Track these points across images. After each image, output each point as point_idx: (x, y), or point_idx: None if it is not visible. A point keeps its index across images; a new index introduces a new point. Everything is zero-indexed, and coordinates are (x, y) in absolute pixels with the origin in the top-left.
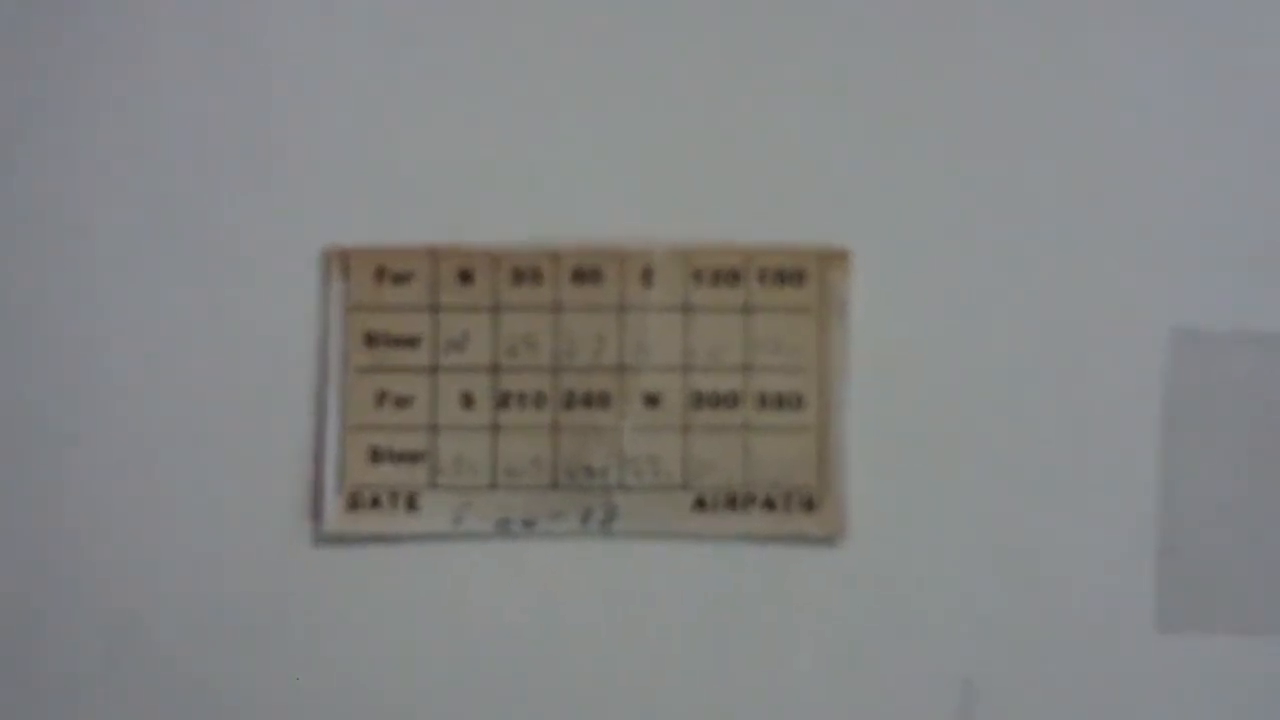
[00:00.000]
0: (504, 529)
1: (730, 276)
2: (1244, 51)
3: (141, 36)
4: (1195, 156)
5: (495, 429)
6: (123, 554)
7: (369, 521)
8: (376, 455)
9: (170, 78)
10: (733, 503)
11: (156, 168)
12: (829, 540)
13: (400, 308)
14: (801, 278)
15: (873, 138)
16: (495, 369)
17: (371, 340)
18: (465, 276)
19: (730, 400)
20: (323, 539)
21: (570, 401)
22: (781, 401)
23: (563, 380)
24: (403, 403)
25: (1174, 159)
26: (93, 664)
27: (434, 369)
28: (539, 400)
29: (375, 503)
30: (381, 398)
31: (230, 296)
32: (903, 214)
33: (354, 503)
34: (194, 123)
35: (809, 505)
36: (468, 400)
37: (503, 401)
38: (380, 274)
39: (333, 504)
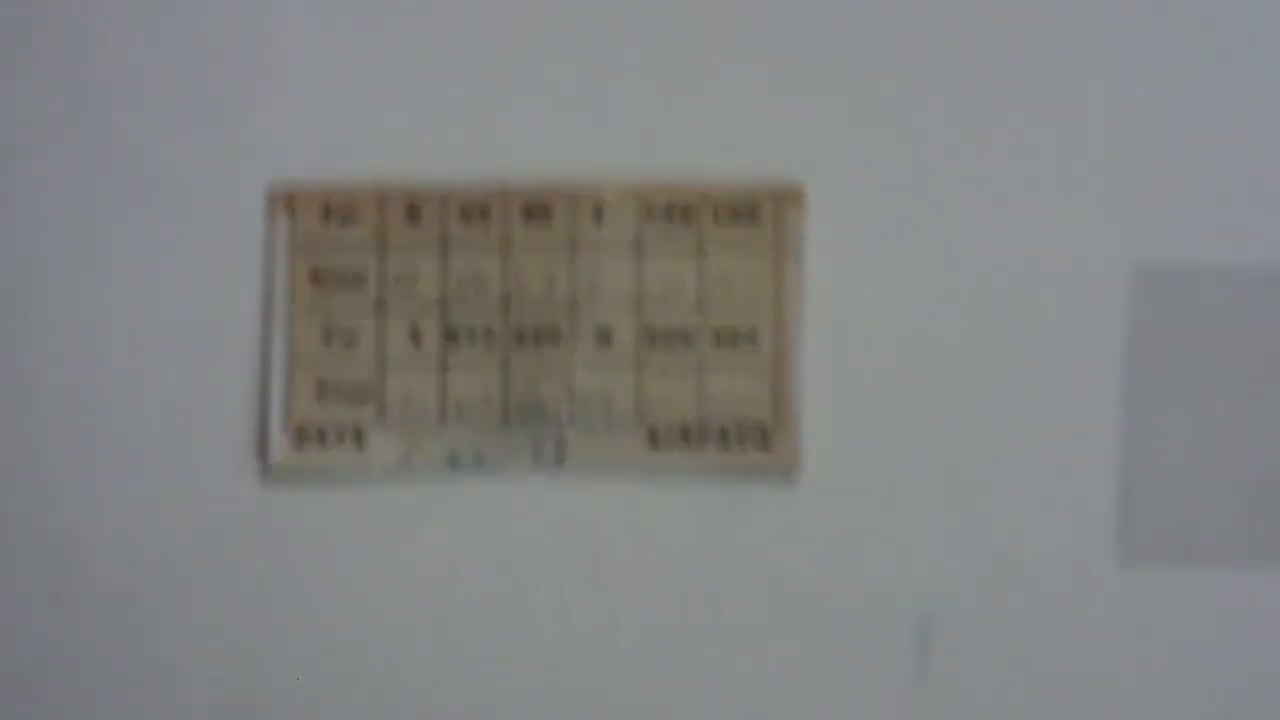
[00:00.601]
0: (454, 466)
1: (683, 214)
2: None
3: None
4: (1156, 89)
5: (444, 365)
6: (65, 494)
7: (316, 458)
8: (323, 391)
9: (113, 11)
10: (686, 438)
11: (97, 104)
12: (784, 475)
13: (347, 246)
14: (756, 215)
15: (829, 73)
16: (444, 305)
17: (317, 278)
18: (413, 215)
19: (684, 337)
20: (269, 475)
21: (520, 338)
22: (736, 339)
23: (512, 316)
24: (349, 339)
25: (1134, 92)
26: (36, 606)
27: (381, 305)
28: (488, 336)
29: (322, 439)
30: (328, 335)
31: (175, 234)
32: (859, 150)
33: (300, 439)
34: (136, 57)
35: (764, 441)
36: (416, 336)
37: (452, 337)
38: (327, 213)
39: (278, 440)
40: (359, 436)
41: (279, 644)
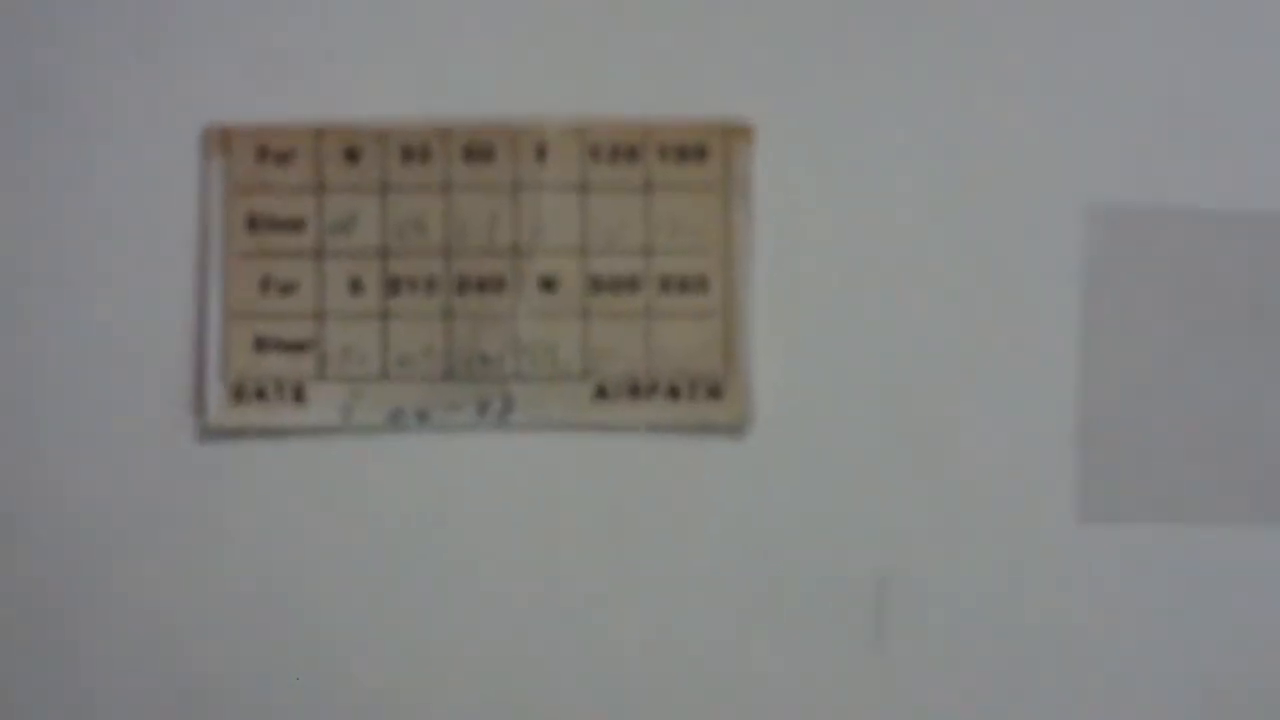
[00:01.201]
0: (396, 421)
1: (628, 153)
2: None
3: None
4: (1111, 27)
5: (385, 316)
6: None
7: (254, 414)
8: (261, 344)
9: None
10: (635, 391)
11: (22, 37)
12: (736, 429)
13: (284, 189)
14: (703, 154)
15: (777, 7)
16: (384, 253)
17: (254, 223)
18: (351, 155)
19: (630, 284)
20: (206, 432)
21: (463, 286)
22: (684, 285)
23: (455, 264)
24: (287, 289)
25: (1084, 29)
26: None
27: (319, 253)
28: (430, 285)
29: (261, 394)
30: (265, 284)
31: (105, 177)
32: (808, 87)
33: (238, 394)
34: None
35: (714, 393)
36: (356, 286)
37: (393, 287)
38: (262, 153)
39: (216, 396)
40: (299, 391)
41: (216, 606)
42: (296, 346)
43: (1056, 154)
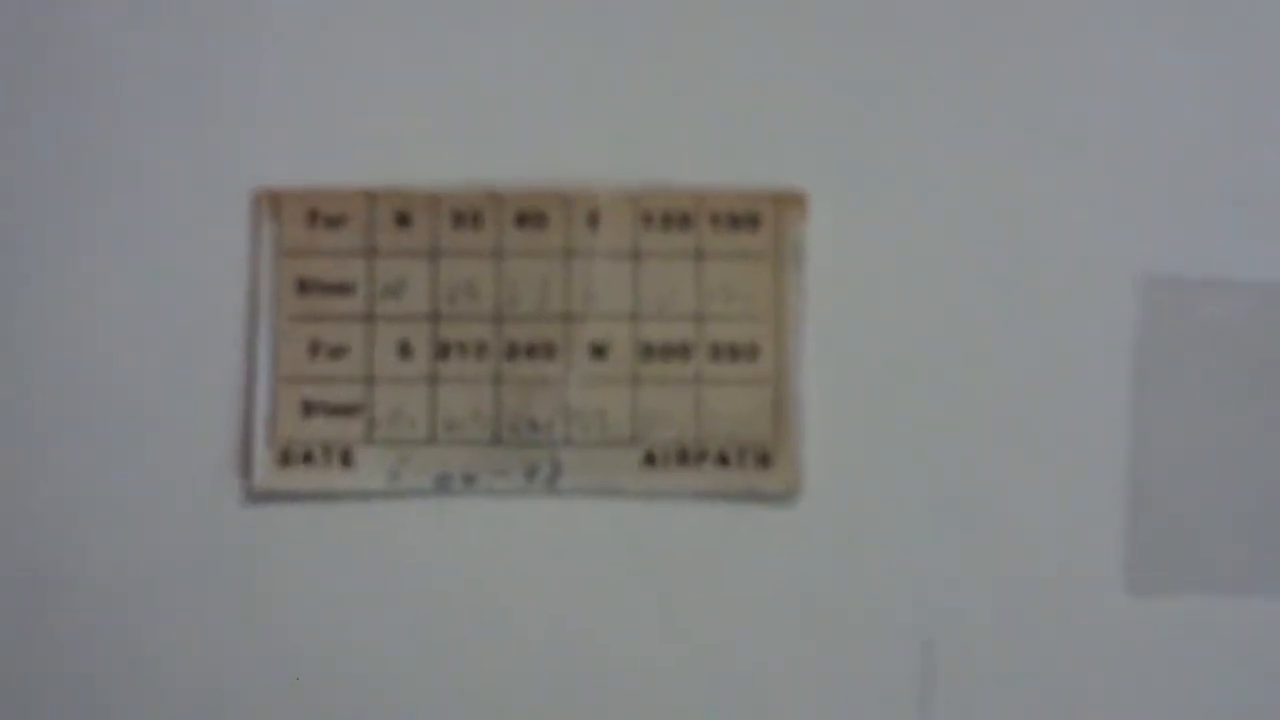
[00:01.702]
0: (444, 486)
1: (681, 220)
2: None
3: None
4: (1165, 99)
5: (434, 380)
6: (44, 513)
7: (301, 478)
8: (309, 408)
9: (95, 10)
10: (684, 458)
11: (78, 102)
12: (785, 497)
13: (334, 253)
14: (756, 222)
15: (830, 74)
16: (434, 317)
17: (304, 287)
18: (403, 220)
19: (681, 351)
20: (253, 496)
21: (513, 352)
22: (735, 352)
23: (505, 329)
24: (337, 353)
25: (1144, 101)
26: (15, 629)
27: (370, 317)
28: (480, 350)
29: (308, 458)
30: (315, 348)
31: (156, 240)
32: (861, 155)
33: (286, 458)
34: (119, 55)
35: (764, 460)
36: (405, 350)
37: (442, 351)
38: (313, 217)
39: (263, 459)
40: (346, 455)
41: (263, 670)
42: (345, 410)
43: (1110, 224)
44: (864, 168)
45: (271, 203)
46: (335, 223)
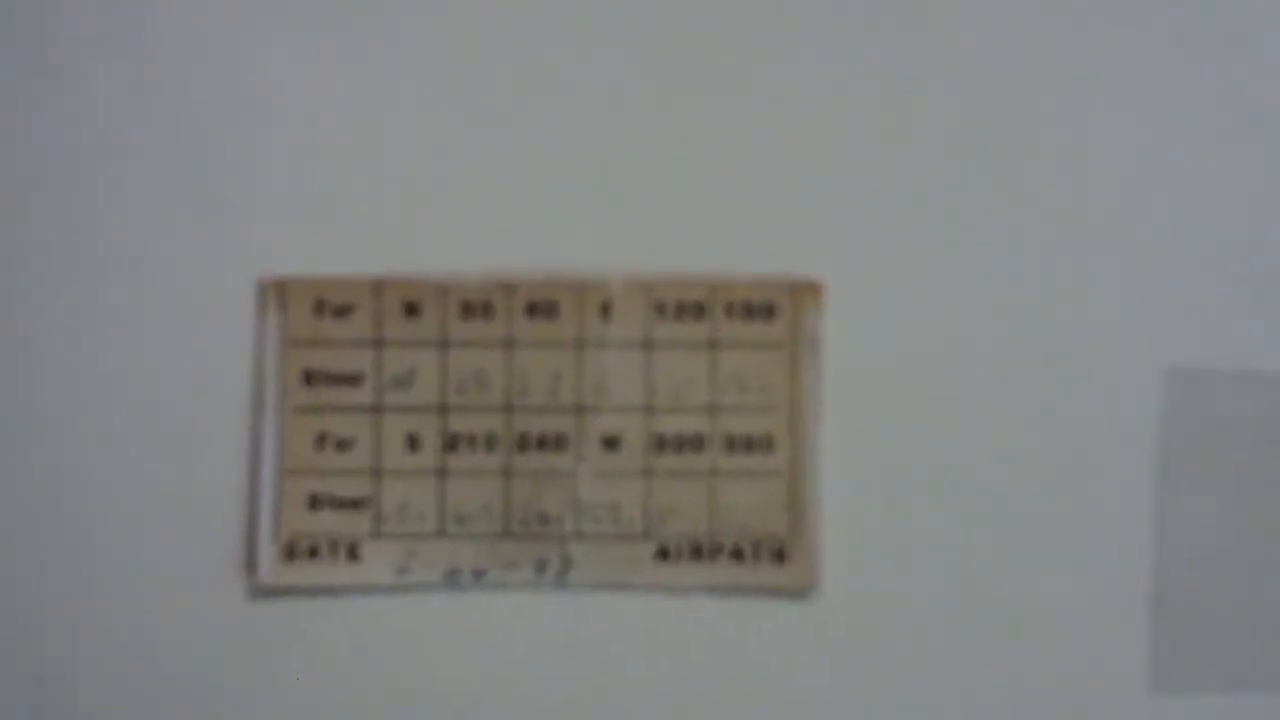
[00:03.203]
0: (452, 581)
1: (695, 310)
2: (1242, 82)
3: (71, 58)
4: (1192, 190)
5: (443, 473)
6: (42, 610)
7: (307, 573)
8: (315, 502)
9: (98, 95)
10: (698, 553)
11: (79, 190)
12: (800, 593)
13: (341, 343)
14: (771, 311)
15: (847, 161)
16: (443, 409)
17: (310, 378)
18: (411, 309)
19: (695, 443)
20: (257, 592)
21: (524, 444)
22: (750, 444)
23: (515, 421)
24: (344, 445)
25: (1169, 191)
26: None
27: (377, 409)
28: (490, 442)
29: (314, 553)
30: (321, 440)
31: (158, 330)
32: (880, 243)
33: (291, 553)
34: (121, 140)
35: (779, 555)
36: (414, 442)
37: (451, 444)
38: (320, 306)
39: (268, 554)
40: (353, 550)
41: None
42: (352, 504)
43: (1137, 314)
44: (883, 257)
45: (277, 291)
46: (342, 312)
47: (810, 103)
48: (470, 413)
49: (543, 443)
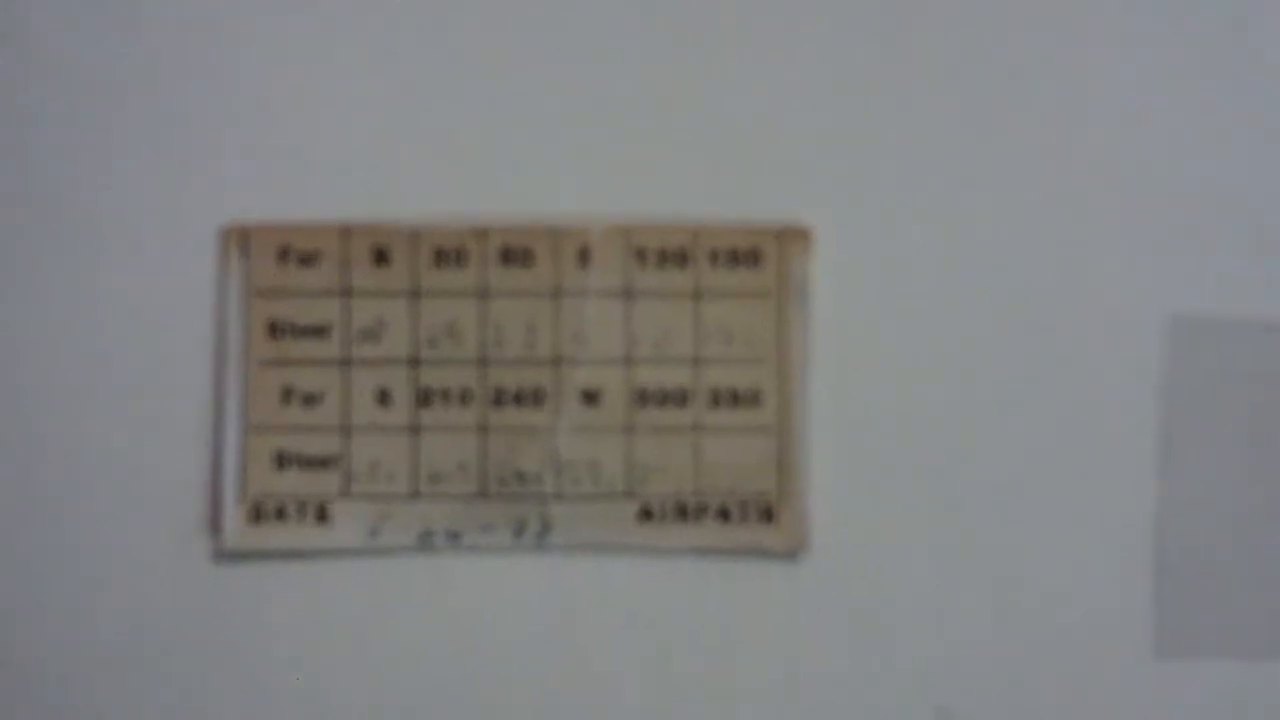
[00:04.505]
0: (426, 543)
1: (677, 257)
2: (1241, 31)
3: (26, 2)
4: (1192, 136)
5: (415, 430)
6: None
7: (274, 535)
8: (282, 460)
9: (52, 34)
10: (683, 513)
11: (38, 135)
12: (790, 554)
13: (307, 292)
14: (757, 258)
15: (836, 102)
16: (415, 362)
17: (275, 329)
18: (380, 257)
19: (679, 397)
20: (222, 555)
21: (499, 399)
22: (736, 398)
23: (491, 375)
24: (311, 400)
25: (1170, 138)
26: None
27: (346, 362)
28: (464, 397)
29: (281, 514)
30: (287, 395)
31: (116, 279)
32: (870, 187)
33: (257, 514)
34: (75, 84)
35: (767, 515)
36: (384, 397)
37: (424, 399)
38: (285, 254)
39: (233, 516)
40: (322, 511)
41: None
42: (320, 463)
43: (1137, 261)
44: (873, 200)
45: (240, 239)
46: (308, 260)
47: (798, 41)
48: (443, 366)
49: (519, 397)
